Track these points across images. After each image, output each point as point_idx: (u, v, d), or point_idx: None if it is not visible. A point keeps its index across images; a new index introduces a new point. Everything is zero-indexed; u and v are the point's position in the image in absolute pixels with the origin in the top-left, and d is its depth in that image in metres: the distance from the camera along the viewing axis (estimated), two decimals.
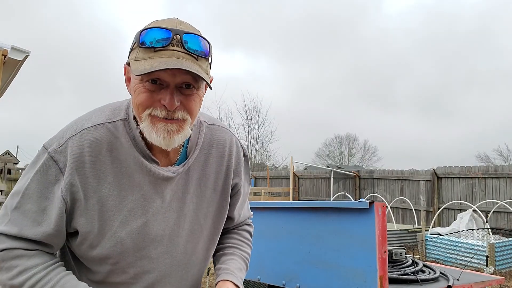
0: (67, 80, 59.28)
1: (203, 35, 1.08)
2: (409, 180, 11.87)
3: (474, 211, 8.18)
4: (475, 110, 56.44)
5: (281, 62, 60.85)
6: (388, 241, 4.66)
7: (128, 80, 1.12)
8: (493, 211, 9.27)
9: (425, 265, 2.85)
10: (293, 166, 15.01)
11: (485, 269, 6.41)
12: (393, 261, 2.71)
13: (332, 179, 13.99)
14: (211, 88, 1.11)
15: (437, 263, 6.62)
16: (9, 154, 33.21)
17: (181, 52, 1.02)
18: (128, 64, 1.10)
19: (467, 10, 64.83)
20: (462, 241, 6.94)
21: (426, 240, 7.53)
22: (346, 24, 63.85)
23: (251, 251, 1.44)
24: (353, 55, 60.90)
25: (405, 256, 2.80)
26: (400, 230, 8.80)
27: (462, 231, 7.04)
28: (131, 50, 1.08)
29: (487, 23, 61.28)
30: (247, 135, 27.51)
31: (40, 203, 1.06)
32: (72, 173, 1.06)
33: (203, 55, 1.06)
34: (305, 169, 22.13)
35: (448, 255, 7.08)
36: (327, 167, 18.48)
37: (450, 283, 2.56)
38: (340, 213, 2.34)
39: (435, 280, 2.63)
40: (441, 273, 2.75)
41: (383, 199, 11.68)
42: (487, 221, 7.41)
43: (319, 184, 14.89)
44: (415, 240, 8.32)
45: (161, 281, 1.20)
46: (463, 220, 7.85)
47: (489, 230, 7.13)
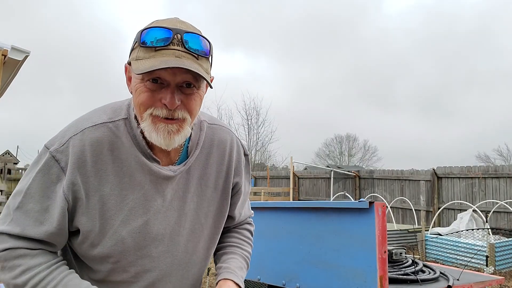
0: (67, 80, 59.27)
1: (203, 35, 1.09)
2: (409, 180, 11.88)
3: (474, 211, 8.18)
4: (475, 110, 56.45)
5: (281, 62, 60.85)
6: (388, 241, 4.66)
7: (129, 79, 1.13)
8: (493, 211, 9.28)
9: (425, 265, 2.85)
10: (293, 166, 15.01)
11: (485, 269, 6.41)
12: (393, 261, 2.72)
13: (332, 179, 13.99)
14: (211, 87, 1.11)
15: (437, 263, 6.62)
16: (9, 154, 33.18)
17: (181, 51, 1.03)
18: (129, 63, 1.10)
19: (467, 10, 64.82)
20: (462, 241, 6.95)
21: (426, 240, 7.53)
22: (346, 24, 63.84)
23: (252, 249, 1.44)
24: (353, 55, 60.89)
25: (405, 256, 2.81)
26: (400, 230, 8.80)
27: (462, 231, 7.04)
28: (132, 49, 1.08)
29: (487, 23, 61.28)
30: (247, 135, 27.50)
31: (42, 203, 1.07)
32: (73, 172, 1.07)
33: (204, 54, 1.07)
34: (305, 169, 22.13)
35: (448, 255, 7.08)
36: (327, 167, 18.48)
37: (450, 283, 2.56)
38: (340, 213, 2.35)
39: (435, 280, 2.63)
40: (441, 273, 2.76)
41: (383, 199, 11.68)
42: (487, 221, 7.41)
43: (319, 184, 14.89)
44: (415, 240, 8.32)
45: (162, 280, 1.21)
46: (463, 220, 7.85)
47: (489, 230, 7.13)
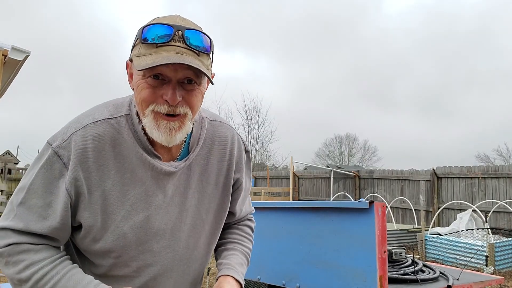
0: (67, 80, 59.34)
1: (204, 31, 1.09)
2: (409, 180, 11.88)
3: (473, 211, 8.18)
4: (475, 110, 56.50)
5: (281, 62, 60.90)
6: (388, 241, 4.65)
7: (130, 76, 1.13)
8: (493, 211, 9.28)
9: (424, 265, 2.85)
10: (293, 166, 15.01)
11: (484, 269, 6.41)
12: (393, 261, 2.72)
13: (332, 179, 13.99)
14: (212, 83, 1.12)
15: (437, 263, 6.62)
16: (9, 154, 33.20)
17: (183, 47, 1.03)
18: (130, 60, 1.11)
19: (467, 10, 64.91)
20: (461, 241, 6.95)
21: (425, 240, 7.54)
22: (346, 24, 63.91)
23: (252, 246, 1.45)
24: (353, 55, 60.96)
25: (405, 256, 2.81)
26: (400, 230, 8.80)
27: (461, 231, 7.04)
28: (134, 46, 1.09)
29: (487, 23, 61.36)
30: (247, 135, 27.46)
31: (45, 198, 1.08)
32: (76, 168, 1.08)
33: (205, 51, 1.07)
34: (305, 169, 22.13)
35: (447, 255, 7.08)
36: (327, 167, 18.48)
37: (449, 283, 2.56)
38: (340, 213, 2.35)
39: (434, 280, 2.63)
40: (440, 273, 2.76)
41: (383, 199, 11.68)
42: (486, 221, 7.42)
43: (319, 184, 14.89)
44: (415, 240, 8.33)
45: (163, 275, 1.21)
46: (462, 220, 7.86)
47: (489, 230, 7.14)
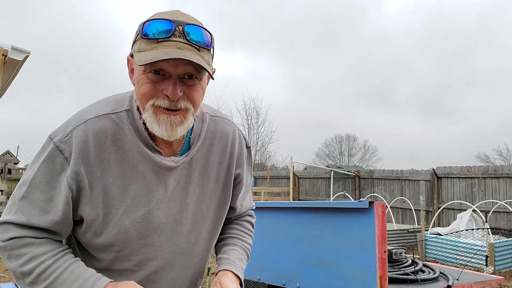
0: (67, 80, 59.35)
1: (205, 27, 1.09)
2: (409, 180, 11.87)
3: (473, 211, 8.18)
4: (475, 110, 56.51)
5: (281, 62, 60.91)
6: (388, 241, 4.65)
7: (131, 71, 1.14)
8: (493, 211, 9.27)
9: (424, 265, 2.85)
10: (293, 166, 15.01)
11: (484, 269, 6.41)
12: (393, 261, 2.72)
13: (332, 179, 13.99)
14: (213, 78, 1.12)
15: (437, 263, 6.62)
16: (9, 154, 33.21)
17: (183, 43, 1.03)
18: (131, 55, 1.11)
19: (467, 10, 64.92)
20: (461, 241, 6.94)
21: (425, 240, 7.53)
22: (346, 24, 63.91)
23: (253, 241, 1.45)
24: (353, 55, 60.96)
25: (405, 256, 2.81)
26: (400, 230, 8.80)
27: (461, 231, 7.04)
28: (134, 41, 1.09)
29: (487, 23, 61.38)
30: (247, 135, 27.46)
31: (47, 192, 1.08)
32: (77, 162, 1.08)
33: (205, 46, 1.07)
34: (305, 169, 22.12)
35: (447, 255, 7.08)
36: (327, 167, 18.47)
37: (449, 283, 2.56)
38: (340, 213, 2.35)
39: (434, 280, 2.63)
40: (440, 273, 2.76)
41: (383, 199, 11.68)
42: (486, 221, 7.42)
43: (319, 184, 14.88)
44: (415, 240, 8.32)
45: (164, 269, 1.22)
46: (462, 220, 7.85)
47: (489, 230, 7.13)
